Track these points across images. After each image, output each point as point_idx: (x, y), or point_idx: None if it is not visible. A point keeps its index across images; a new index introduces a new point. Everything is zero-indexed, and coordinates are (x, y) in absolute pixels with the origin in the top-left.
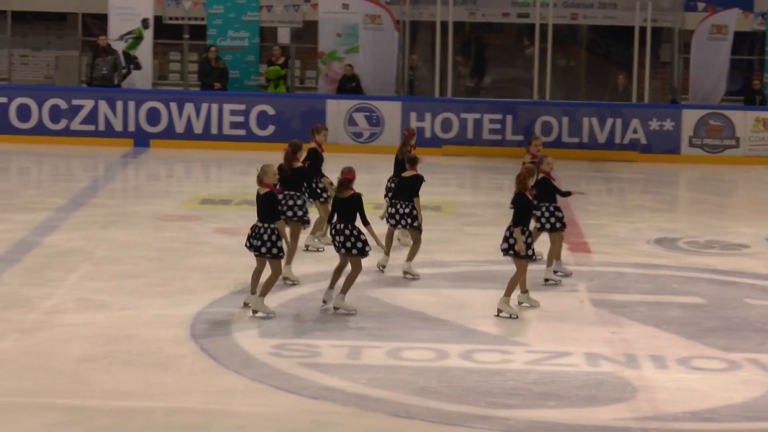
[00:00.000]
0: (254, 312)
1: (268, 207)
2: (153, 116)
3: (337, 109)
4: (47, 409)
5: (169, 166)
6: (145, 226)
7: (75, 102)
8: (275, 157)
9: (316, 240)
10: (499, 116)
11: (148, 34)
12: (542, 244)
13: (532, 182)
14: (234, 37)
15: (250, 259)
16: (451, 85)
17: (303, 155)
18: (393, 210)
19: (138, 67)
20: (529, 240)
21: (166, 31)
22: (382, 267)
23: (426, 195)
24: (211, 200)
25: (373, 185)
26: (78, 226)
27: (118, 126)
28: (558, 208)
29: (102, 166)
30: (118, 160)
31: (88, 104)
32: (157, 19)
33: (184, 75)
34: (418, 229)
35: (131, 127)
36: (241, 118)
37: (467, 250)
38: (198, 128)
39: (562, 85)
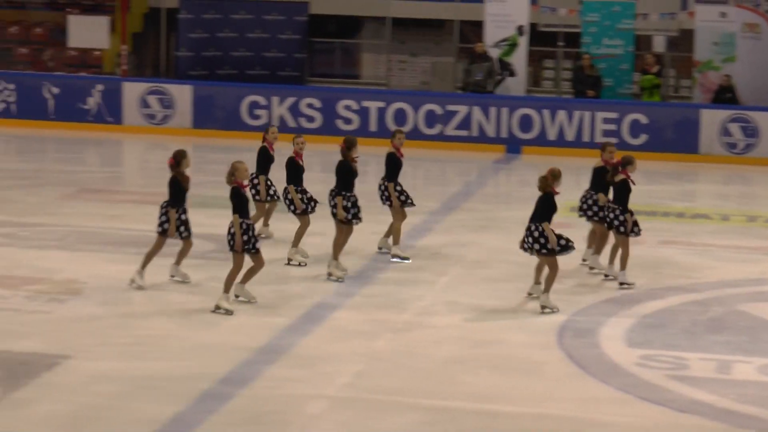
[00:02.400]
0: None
1: (232, 202)
2: (525, 123)
3: (711, 120)
4: (413, 408)
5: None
6: (516, 232)
7: (449, 108)
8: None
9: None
10: None
11: (523, 41)
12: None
13: (557, 185)
14: (608, 45)
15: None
16: None
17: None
18: None
19: (512, 73)
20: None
21: (540, 38)
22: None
23: None
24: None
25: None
26: (450, 230)
27: (490, 132)
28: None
29: (475, 172)
30: (490, 166)
31: (462, 110)
32: (532, 27)
33: (557, 82)
34: None
35: (504, 134)
36: (613, 126)
37: None
38: (570, 135)
39: None
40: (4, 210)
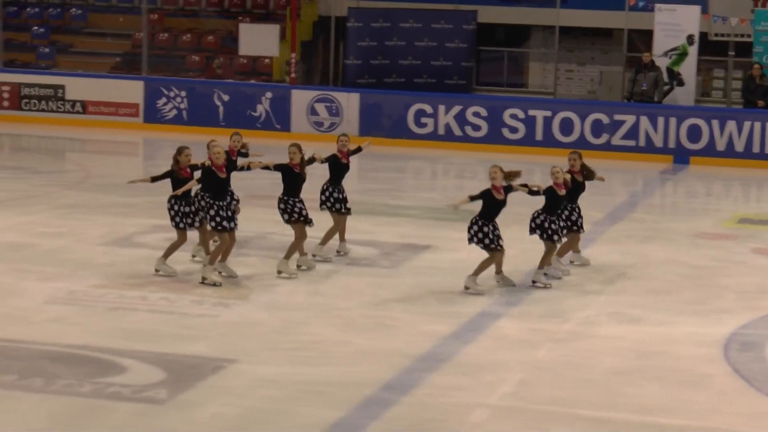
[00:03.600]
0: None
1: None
2: (694, 133)
3: None
4: (576, 419)
5: (708, 183)
6: (682, 243)
7: (617, 117)
8: None
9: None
10: None
11: (693, 51)
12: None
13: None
14: None
15: None
16: None
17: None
18: None
19: (681, 83)
20: (554, 227)
21: (711, 47)
22: None
23: None
24: (750, 220)
25: None
26: (615, 240)
27: (658, 142)
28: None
29: (641, 182)
30: (657, 176)
31: (629, 120)
32: (703, 36)
33: (727, 92)
34: None
35: (671, 144)
36: None
37: None
38: (739, 146)
39: None
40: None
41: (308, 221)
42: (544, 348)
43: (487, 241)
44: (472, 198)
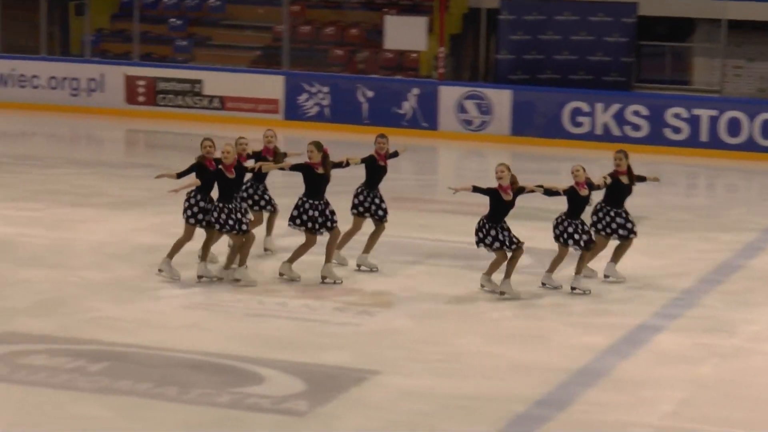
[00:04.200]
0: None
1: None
2: None
3: None
4: None
5: None
6: None
7: None
8: None
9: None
10: None
11: None
12: None
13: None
14: None
15: None
16: None
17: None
18: None
19: None
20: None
21: None
22: None
23: None
24: None
25: None
26: None
27: None
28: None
29: None
30: None
31: None
32: None
33: None
34: None
35: None
36: None
37: None
38: None
39: None
40: None
41: (315, 230)
42: (709, 364)
43: (497, 244)
44: (475, 189)
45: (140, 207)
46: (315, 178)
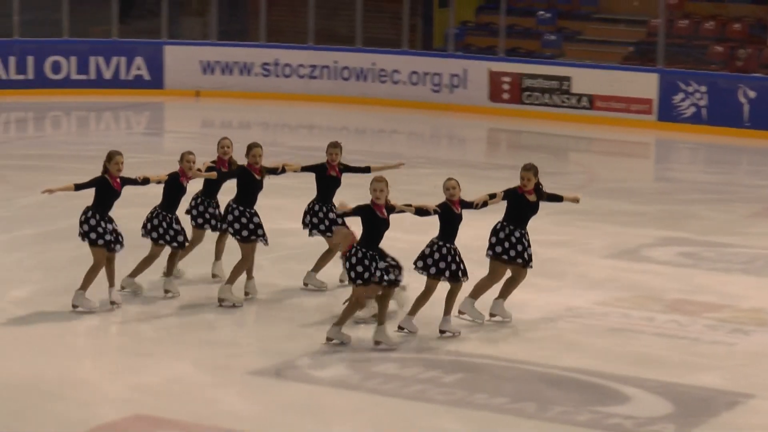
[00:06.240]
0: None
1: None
2: None
3: None
4: None
5: None
6: None
7: None
8: None
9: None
10: None
11: None
12: None
13: None
14: None
15: None
16: None
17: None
18: None
19: None
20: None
21: None
22: None
23: None
24: None
25: None
26: None
27: None
28: None
29: None
30: None
31: None
32: None
33: None
34: None
35: None
36: None
37: None
38: None
39: None
40: (687, 227)
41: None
42: None
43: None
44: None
45: None
46: (252, 184)
